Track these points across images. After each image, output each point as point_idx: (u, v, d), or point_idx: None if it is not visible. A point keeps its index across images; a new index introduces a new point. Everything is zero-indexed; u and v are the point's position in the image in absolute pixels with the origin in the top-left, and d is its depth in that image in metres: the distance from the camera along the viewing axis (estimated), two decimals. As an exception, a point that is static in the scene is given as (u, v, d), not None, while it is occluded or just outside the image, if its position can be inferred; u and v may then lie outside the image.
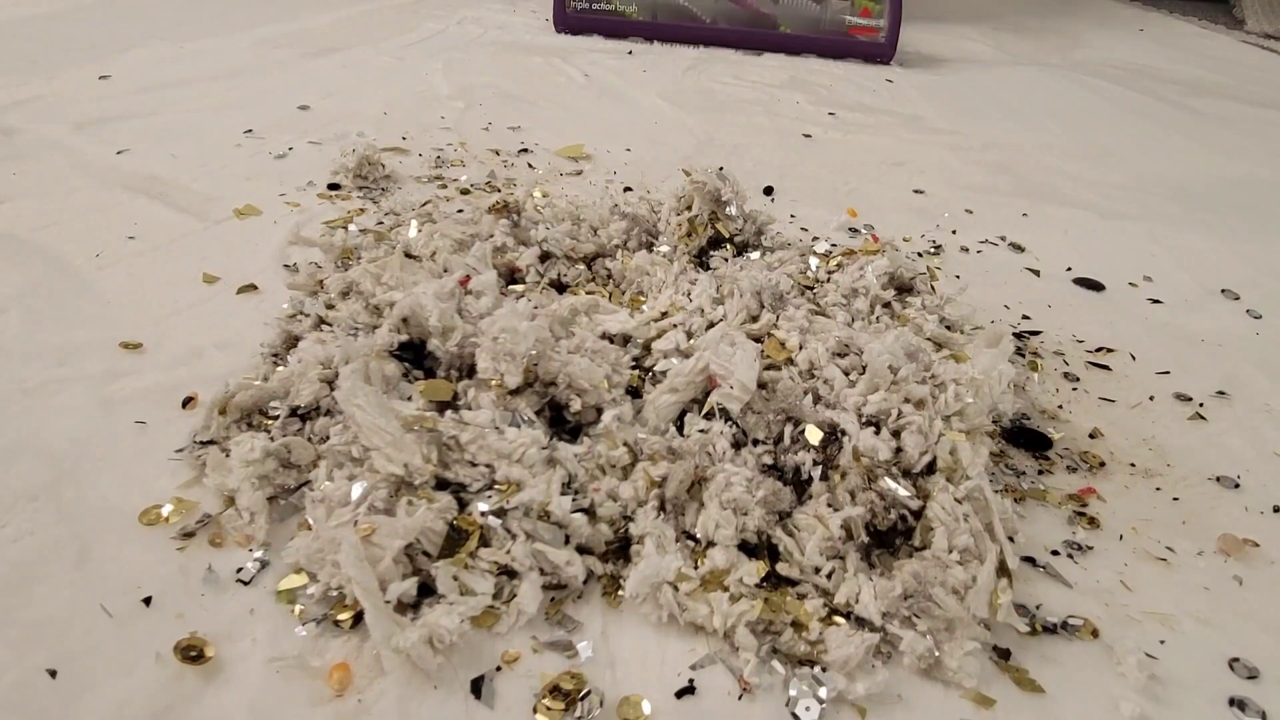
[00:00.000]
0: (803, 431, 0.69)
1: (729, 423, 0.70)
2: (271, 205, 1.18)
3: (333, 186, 1.25)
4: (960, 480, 0.68)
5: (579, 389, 0.72)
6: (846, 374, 0.74)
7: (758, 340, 0.78)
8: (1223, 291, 1.16)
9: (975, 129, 1.78)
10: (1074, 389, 0.92)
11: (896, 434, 0.69)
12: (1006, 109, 1.94)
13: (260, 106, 1.56)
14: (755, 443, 0.69)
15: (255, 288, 0.97)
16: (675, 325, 0.82)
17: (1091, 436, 0.84)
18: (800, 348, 0.77)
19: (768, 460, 0.68)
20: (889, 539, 0.66)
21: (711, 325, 0.82)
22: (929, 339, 0.83)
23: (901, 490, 0.65)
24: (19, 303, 0.91)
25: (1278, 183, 1.61)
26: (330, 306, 0.86)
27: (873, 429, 0.70)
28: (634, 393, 0.76)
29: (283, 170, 1.30)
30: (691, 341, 0.79)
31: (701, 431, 0.70)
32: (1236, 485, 0.79)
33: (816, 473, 0.67)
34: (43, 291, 0.94)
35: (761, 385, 0.73)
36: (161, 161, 1.29)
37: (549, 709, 0.54)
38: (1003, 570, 0.63)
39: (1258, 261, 1.26)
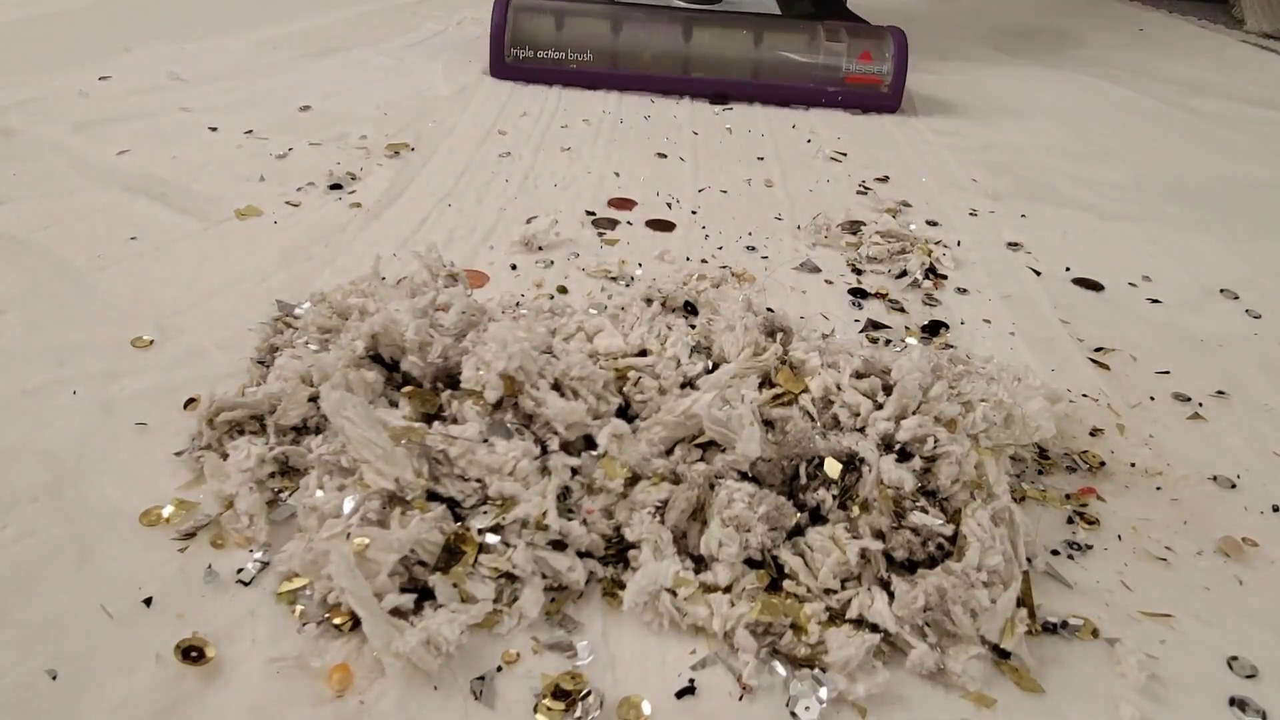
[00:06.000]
0: (820, 466, 0.67)
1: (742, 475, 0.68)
2: (273, 206, 1.18)
3: (334, 187, 1.25)
4: (987, 498, 0.67)
5: (555, 430, 0.68)
6: (872, 397, 0.72)
7: (767, 376, 0.75)
8: (1222, 291, 1.16)
9: (975, 129, 1.78)
10: (1074, 389, 0.92)
11: (931, 459, 0.68)
12: (1006, 109, 1.94)
13: (261, 107, 1.56)
14: (770, 488, 0.67)
15: (255, 289, 0.97)
16: (649, 366, 0.76)
17: (1091, 436, 0.84)
18: (820, 368, 0.74)
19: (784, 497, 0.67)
20: (917, 564, 0.65)
21: (687, 378, 0.75)
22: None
23: (935, 523, 0.64)
24: (19, 304, 0.91)
25: (1278, 183, 1.60)
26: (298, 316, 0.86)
27: (893, 455, 0.68)
28: (624, 411, 0.74)
29: (284, 171, 1.30)
30: (664, 395, 0.74)
31: (702, 461, 0.68)
32: (1234, 485, 0.79)
33: (834, 503, 0.66)
34: (43, 292, 0.94)
35: (770, 424, 0.70)
36: (162, 162, 1.29)
37: (549, 709, 0.54)
38: (1024, 601, 0.62)
39: (1258, 261, 1.26)
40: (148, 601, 0.59)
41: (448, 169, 1.36)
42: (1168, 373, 0.96)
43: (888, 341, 0.96)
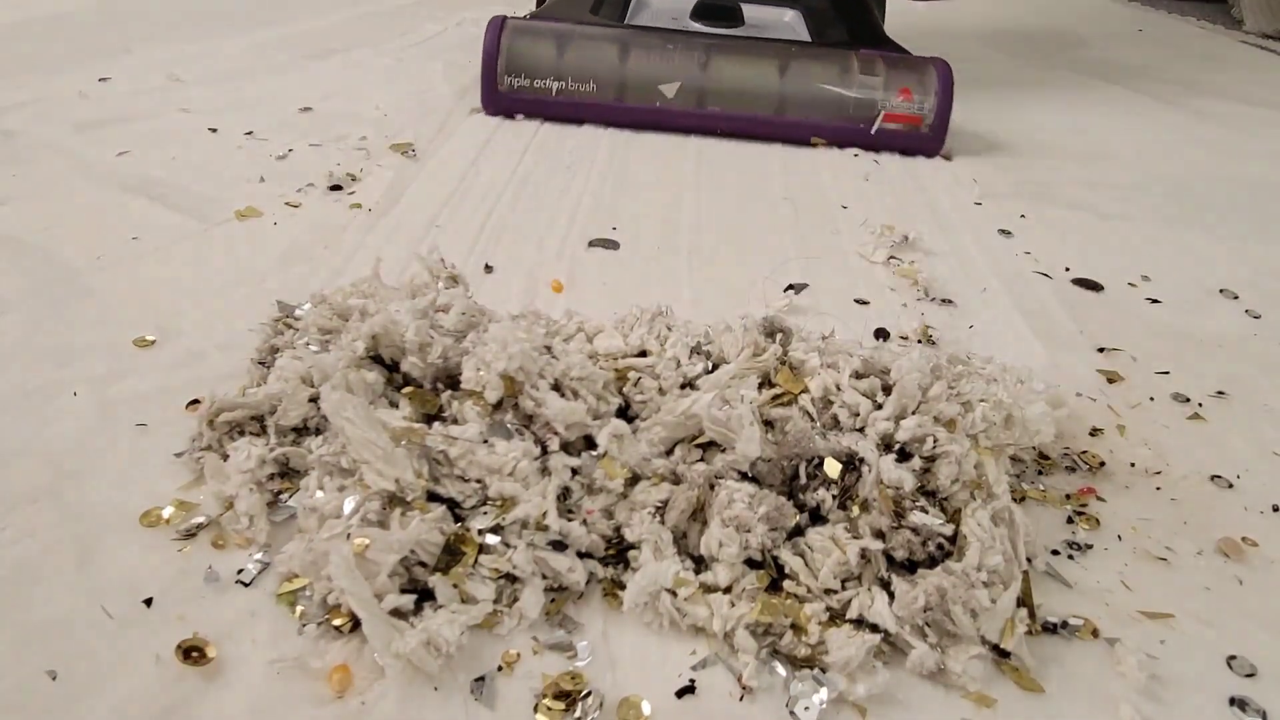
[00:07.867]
0: (820, 466, 0.67)
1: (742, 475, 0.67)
2: (272, 207, 1.18)
3: (334, 188, 1.25)
4: (987, 498, 0.67)
5: (554, 430, 0.69)
6: (871, 397, 0.72)
7: (767, 376, 0.75)
8: (1222, 291, 1.16)
9: (975, 129, 1.78)
10: (1073, 389, 0.92)
11: (931, 459, 0.67)
12: (1006, 109, 1.94)
13: (261, 108, 1.56)
14: (770, 488, 0.67)
15: (255, 289, 0.97)
16: (650, 367, 0.76)
17: (1091, 436, 0.84)
18: (820, 369, 0.74)
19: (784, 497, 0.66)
20: (918, 564, 0.65)
21: (687, 379, 0.76)
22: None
23: (935, 522, 0.64)
24: (20, 305, 0.91)
25: (1278, 183, 1.60)
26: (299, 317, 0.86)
27: (893, 455, 0.68)
28: (624, 411, 0.74)
29: (283, 172, 1.30)
30: (664, 395, 0.74)
31: (702, 461, 0.68)
32: (1231, 486, 0.79)
33: (834, 504, 0.65)
34: (44, 294, 0.94)
35: (769, 424, 0.70)
36: (162, 163, 1.29)
37: (550, 709, 0.54)
38: (1024, 601, 0.62)
39: (1257, 261, 1.26)
40: (148, 602, 0.59)
41: (449, 170, 1.36)
42: (1168, 373, 0.96)
43: (886, 337, 0.96)
